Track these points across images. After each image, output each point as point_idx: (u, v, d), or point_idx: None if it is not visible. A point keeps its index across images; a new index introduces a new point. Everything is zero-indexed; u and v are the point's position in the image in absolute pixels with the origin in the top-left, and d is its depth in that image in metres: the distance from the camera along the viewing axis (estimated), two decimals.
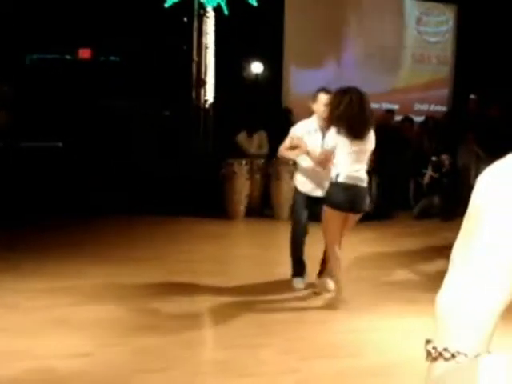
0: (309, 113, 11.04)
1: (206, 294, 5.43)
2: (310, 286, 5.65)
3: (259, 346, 4.17)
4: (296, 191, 5.74)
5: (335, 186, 4.96)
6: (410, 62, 12.03)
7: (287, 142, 5.73)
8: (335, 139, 4.99)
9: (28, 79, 12.51)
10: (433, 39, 12.14)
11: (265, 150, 9.80)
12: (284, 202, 9.26)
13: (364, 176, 5.05)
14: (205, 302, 5.27)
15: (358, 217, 5.19)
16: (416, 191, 9.71)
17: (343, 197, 4.93)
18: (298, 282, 5.58)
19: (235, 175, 9.14)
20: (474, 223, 0.64)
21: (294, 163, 6.13)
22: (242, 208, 9.22)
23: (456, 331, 0.64)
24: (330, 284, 5.32)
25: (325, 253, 5.44)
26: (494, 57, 11.61)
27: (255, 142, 9.83)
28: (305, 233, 5.62)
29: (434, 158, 9.40)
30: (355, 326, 4.60)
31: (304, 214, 5.59)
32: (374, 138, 5.13)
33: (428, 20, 12.08)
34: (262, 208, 9.49)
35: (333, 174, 5.01)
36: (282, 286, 5.71)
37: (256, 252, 7.43)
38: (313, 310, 4.96)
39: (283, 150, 5.79)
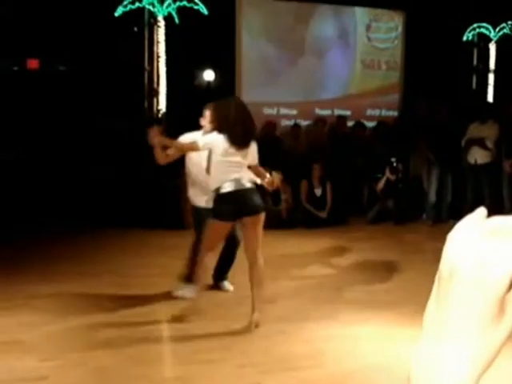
0: (261, 121, 11.08)
1: (161, 308, 5.36)
2: (270, 295, 5.64)
3: (217, 361, 4.14)
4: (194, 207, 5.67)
5: (219, 197, 4.84)
6: (361, 68, 12.17)
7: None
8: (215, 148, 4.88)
9: None
10: (382, 45, 12.30)
11: None
12: None
13: (246, 180, 4.94)
14: (160, 317, 5.20)
15: (258, 219, 4.91)
16: (369, 196, 9.81)
17: (230, 207, 4.82)
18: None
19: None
20: (446, 288, 0.62)
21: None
22: None
23: None
24: (192, 292, 5.25)
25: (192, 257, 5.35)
26: (441, 61, 11.84)
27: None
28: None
29: (393, 160, 9.50)
30: (314, 336, 4.60)
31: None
32: (255, 150, 5.11)
33: (377, 26, 12.24)
34: None
35: (214, 185, 4.88)
36: (238, 297, 5.68)
37: (213, 262, 7.36)
38: (268, 321, 4.93)
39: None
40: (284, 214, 9.21)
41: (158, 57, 10.67)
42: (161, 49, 10.69)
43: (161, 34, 10.68)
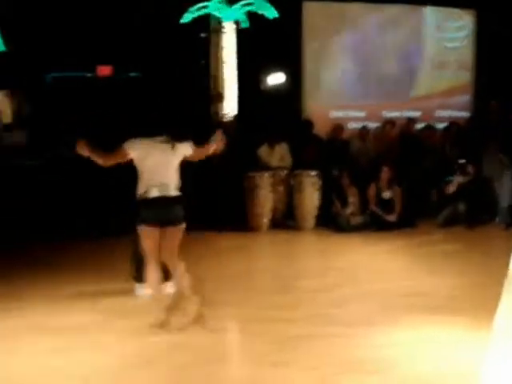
0: (328, 124, 11.05)
1: (228, 309, 5.43)
2: (336, 299, 5.62)
3: (284, 363, 4.14)
4: None
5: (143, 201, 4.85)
6: (430, 68, 11.94)
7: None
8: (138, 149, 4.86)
9: (48, 98, 12.64)
10: (452, 45, 12.04)
11: (287, 162, 9.78)
12: (307, 213, 9.26)
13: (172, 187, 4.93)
14: (229, 318, 5.27)
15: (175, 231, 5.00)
16: (439, 199, 9.61)
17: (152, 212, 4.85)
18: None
19: (258, 188, 9.14)
20: None
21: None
22: (265, 220, 9.20)
23: None
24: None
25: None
26: None
27: (277, 155, 9.81)
28: None
29: (461, 161, 9.29)
30: (381, 341, 4.54)
31: None
32: (186, 149, 5.01)
33: (447, 26, 11.99)
34: (286, 220, 9.47)
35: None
36: (305, 299, 5.68)
37: (279, 265, 7.40)
38: (335, 325, 4.90)
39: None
40: (352, 217, 9.13)
41: (225, 62, 10.76)
42: (227, 54, 10.79)
43: (226, 40, 10.78)
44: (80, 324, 5.05)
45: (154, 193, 4.82)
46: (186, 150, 5.01)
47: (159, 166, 4.85)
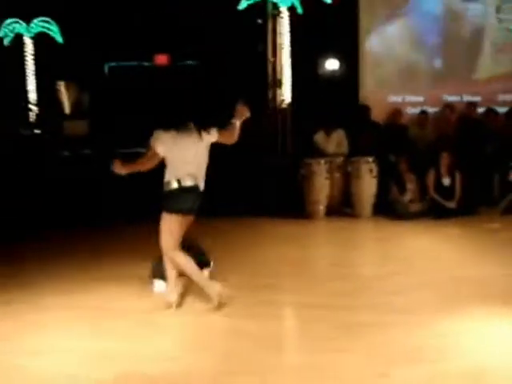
0: (387, 109, 10.92)
1: (286, 297, 5.44)
2: (396, 287, 5.56)
3: (343, 350, 4.11)
4: None
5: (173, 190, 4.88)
6: (491, 51, 11.60)
7: None
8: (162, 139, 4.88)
9: (106, 88, 12.86)
10: None
11: (344, 148, 9.70)
12: (365, 200, 9.17)
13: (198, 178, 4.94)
14: (286, 305, 5.30)
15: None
16: (501, 185, 9.36)
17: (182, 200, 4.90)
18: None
19: (314, 175, 9.09)
20: None
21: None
22: (321, 208, 9.16)
23: None
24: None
25: None
26: None
27: (334, 141, 9.74)
28: None
29: None
30: (440, 329, 4.46)
31: None
32: (211, 136, 4.96)
33: (509, 7, 11.61)
34: (343, 207, 9.40)
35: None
36: (363, 287, 5.63)
37: (336, 252, 7.36)
38: (395, 313, 4.84)
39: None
40: (410, 204, 9.00)
41: (282, 48, 10.73)
42: (284, 39, 10.76)
43: (284, 25, 10.74)
44: (136, 307, 5.14)
45: (184, 182, 4.87)
46: (211, 137, 4.98)
47: (187, 156, 4.87)
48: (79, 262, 6.77)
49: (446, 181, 9.03)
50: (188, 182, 4.89)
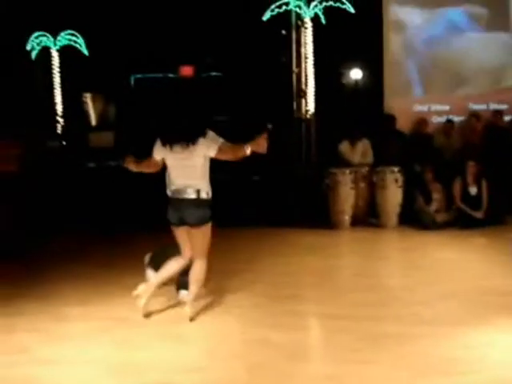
0: (412, 118, 10.83)
1: (311, 307, 5.43)
2: (422, 298, 5.51)
3: (368, 362, 4.08)
4: None
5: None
6: None
7: None
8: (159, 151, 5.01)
9: (132, 99, 12.97)
10: None
11: (369, 158, 9.66)
12: (390, 210, 9.11)
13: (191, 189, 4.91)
14: (311, 316, 5.28)
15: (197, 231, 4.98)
16: None
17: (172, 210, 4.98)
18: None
19: (339, 185, 9.06)
20: None
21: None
22: (346, 218, 9.11)
23: None
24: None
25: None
26: None
27: (359, 151, 9.70)
28: None
29: None
30: (467, 341, 4.40)
31: None
32: (206, 148, 4.87)
33: None
34: (368, 217, 9.34)
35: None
36: (389, 297, 5.58)
37: (362, 262, 7.31)
38: (421, 324, 4.79)
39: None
40: (436, 214, 8.91)
41: (306, 58, 10.74)
42: (308, 50, 10.77)
43: (308, 36, 10.75)
44: (157, 317, 5.15)
45: (174, 194, 4.96)
46: (206, 149, 4.88)
47: (180, 167, 4.92)
48: (98, 271, 6.82)
49: (473, 190, 8.94)
50: (179, 194, 4.94)
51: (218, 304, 5.46)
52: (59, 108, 12.93)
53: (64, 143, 12.48)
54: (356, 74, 11.91)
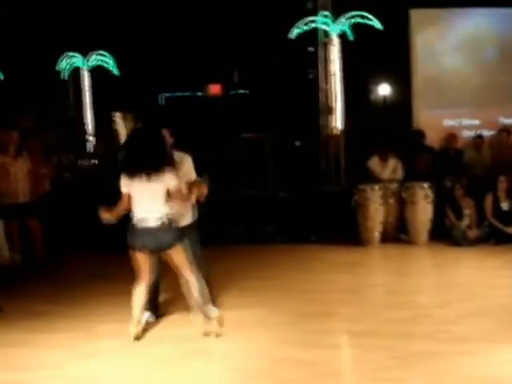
0: (442, 133, 10.73)
1: (341, 324, 5.38)
2: (455, 315, 5.43)
3: (400, 380, 4.03)
4: None
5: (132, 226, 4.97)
6: None
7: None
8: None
9: (161, 117, 13.10)
10: None
11: (399, 174, 9.58)
12: (420, 226, 9.01)
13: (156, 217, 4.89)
14: (341, 333, 5.24)
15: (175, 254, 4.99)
16: None
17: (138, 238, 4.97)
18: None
19: (369, 201, 9.01)
20: None
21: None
22: (376, 234, 9.04)
23: None
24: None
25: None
26: None
27: (389, 167, 9.64)
28: None
29: None
30: (500, 358, 4.33)
31: None
32: (170, 178, 4.88)
33: None
34: (398, 233, 9.26)
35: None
36: (420, 315, 5.51)
37: (392, 279, 7.24)
38: (452, 342, 4.72)
39: None
40: (468, 230, 8.80)
41: (334, 75, 10.76)
42: (336, 66, 10.79)
43: (335, 52, 10.78)
44: (182, 335, 5.13)
45: (139, 223, 4.97)
46: (169, 181, 4.92)
47: (141, 197, 4.93)
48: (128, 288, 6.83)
49: (505, 205, 8.82)
50: (142, 223, 4.95)
51: (245, 321, 5.45)
52: (90, 127, 13.13)
53: (95, 162, 12.63)
54: (384, 89, 11.90)
